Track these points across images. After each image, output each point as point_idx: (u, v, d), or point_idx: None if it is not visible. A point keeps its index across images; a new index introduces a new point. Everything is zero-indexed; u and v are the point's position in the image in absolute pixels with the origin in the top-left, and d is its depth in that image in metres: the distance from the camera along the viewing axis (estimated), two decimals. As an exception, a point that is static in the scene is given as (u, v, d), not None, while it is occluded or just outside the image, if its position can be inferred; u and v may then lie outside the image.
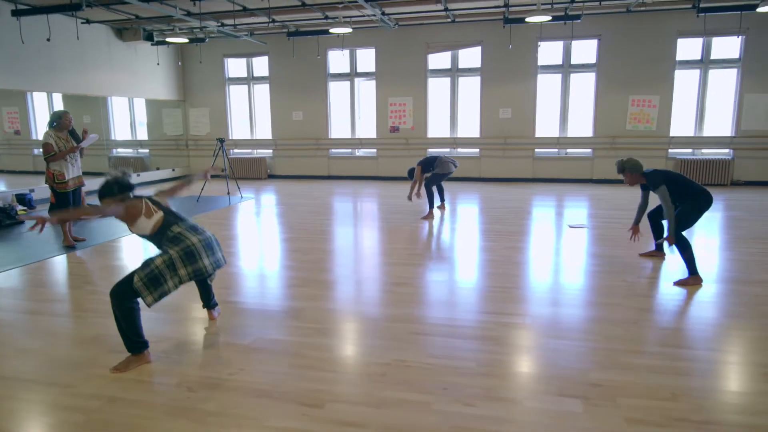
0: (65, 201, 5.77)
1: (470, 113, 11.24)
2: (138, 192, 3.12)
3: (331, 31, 9.36)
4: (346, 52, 11.57)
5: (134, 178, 3.18)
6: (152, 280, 2.91)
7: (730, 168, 9.93)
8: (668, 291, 4.20)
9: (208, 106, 12.57)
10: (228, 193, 8.96)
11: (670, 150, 10.24)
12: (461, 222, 7.15)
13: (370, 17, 9.95)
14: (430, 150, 11.40)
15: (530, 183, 10.78)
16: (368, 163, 11.92)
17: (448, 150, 11.31)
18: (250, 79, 12.41)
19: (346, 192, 10.19)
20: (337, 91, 11.96)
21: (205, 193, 9.35)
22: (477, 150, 11.20)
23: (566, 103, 10.72)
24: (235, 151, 12.66)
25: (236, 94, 12.64)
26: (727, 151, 10.07)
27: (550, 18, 8.30)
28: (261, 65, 12.29)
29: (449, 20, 10.24)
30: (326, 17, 9.60)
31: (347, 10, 9.23)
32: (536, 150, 10.90)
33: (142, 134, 12.88)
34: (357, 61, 11.69)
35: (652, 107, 10.13)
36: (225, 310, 3.84)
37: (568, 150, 10.84)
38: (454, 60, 11.17)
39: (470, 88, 11.18)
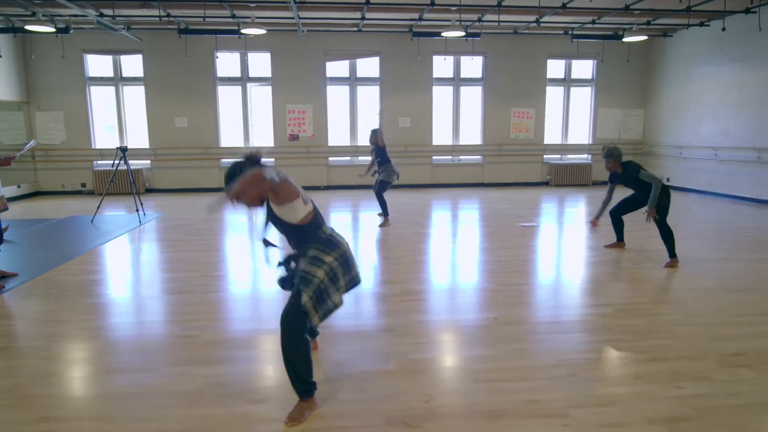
0: None
1: (370, 122, 11.40)
2: None
3: (243, 31, 8.70)
4: (236, 54, 10.79)
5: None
6: (319, 297, 2.47)
7: (590, 170, 11.82)
8: (681, 274, 4.93)
9: (63, 110, 10.54)
10: (137, 210, 7.66)
11: (544, 156, 11.78)
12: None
13: (280, 20, 9.49)
14: (331, 158, 11.27)
15: (430, 188, 11.36)
16: (265, 173, 11.23)
17: (349, 158, 11.32)
18: (118, 80, 10.74)
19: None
20: (228, 97, 11.06)
21: (99, 212, 7.87)
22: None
23: (458, 113, 11.58)
24: (100, 162, 10.83)
25: (100, 97, 10.83)
26: (586, 156, 11.98)
27: (464, 33, 8.92)
28: (131, 64, 10.74)
29: (355, 29, 10.28)
30: (233, 16, 8.86)
31: (260, 10, 8.68)
32: (434, 157, 11.54)
33: (-36, 143, 10.20)
34: (249, 65, 10.98)
35: (529, 118, 11.54)
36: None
37: (461, 157, 11.71)
38: (353, 69, 11.22)
39: (370, 96, 11.35)
